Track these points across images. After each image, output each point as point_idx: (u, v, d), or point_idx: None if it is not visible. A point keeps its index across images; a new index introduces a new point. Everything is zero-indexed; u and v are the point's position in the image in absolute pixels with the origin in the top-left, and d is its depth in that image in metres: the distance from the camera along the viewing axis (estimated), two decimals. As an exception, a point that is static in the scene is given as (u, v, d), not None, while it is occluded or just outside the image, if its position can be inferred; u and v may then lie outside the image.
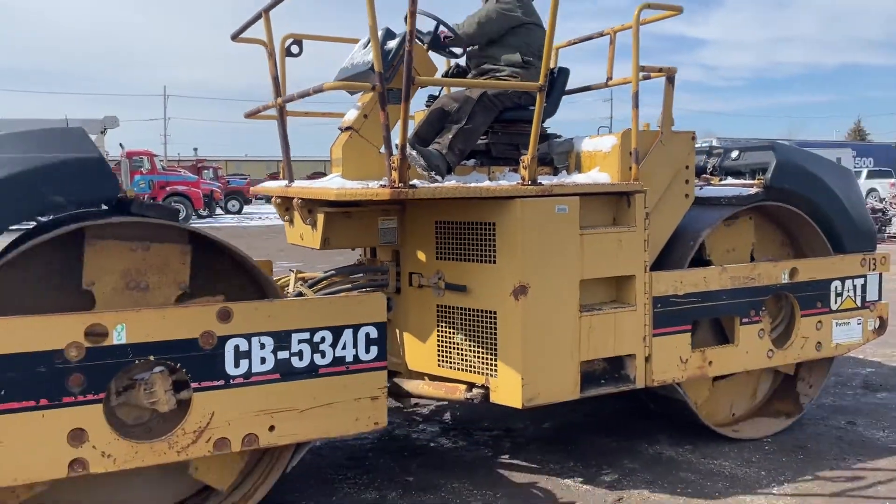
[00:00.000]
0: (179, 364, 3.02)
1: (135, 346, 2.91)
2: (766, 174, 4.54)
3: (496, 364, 3.74)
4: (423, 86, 4.20)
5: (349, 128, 4.10)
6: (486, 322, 3.77)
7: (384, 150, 3.46)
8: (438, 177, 3.91)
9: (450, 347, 3.94)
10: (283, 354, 3.18)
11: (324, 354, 3.26)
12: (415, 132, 4.31)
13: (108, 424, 2.91)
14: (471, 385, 3.86)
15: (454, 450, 4.52)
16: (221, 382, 3.08)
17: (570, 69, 4.62)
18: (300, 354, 3.22)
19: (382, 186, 3.46)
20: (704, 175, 5.12)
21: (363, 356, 3.36)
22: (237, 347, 3.09)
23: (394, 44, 4.04)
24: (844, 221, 4.77)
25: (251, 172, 52.51)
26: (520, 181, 3.72)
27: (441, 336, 3.97)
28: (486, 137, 4.41)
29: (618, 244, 3.92)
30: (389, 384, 3.75)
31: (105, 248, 3.05)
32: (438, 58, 4.66)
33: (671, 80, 4.20)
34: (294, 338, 3.20)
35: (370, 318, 3.38)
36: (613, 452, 4.43)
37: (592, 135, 4.33)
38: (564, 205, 3.74)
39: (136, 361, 2.95)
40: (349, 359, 3.32)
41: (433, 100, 4.74)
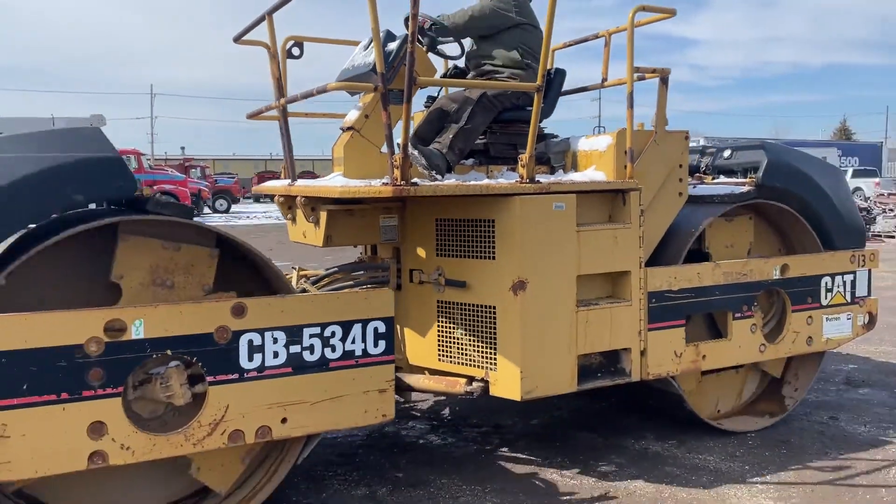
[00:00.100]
0: (195, 358, 3.10)
1: (152, 341, 3.00)
2: (758, 173, 4.68)
3: (495, 358, 3.85)
4: (423, 86, 4.31)
5: (350, 128, 4.21)
6: (486, 317, 3.88)
7: (386, 150, 3.58)
8: (438, 175, 4.01)
9: (450, 342, 4.05)
10: (295, 348, 3.28)
11: (334, 348, 3.36)
12: (415, 132, 4.42)
13: (127, 417, 2.99)
14: (470, 379, 3.96)
15: (443, 446, 4.61)
16: (236, 376, 3.17)
17: (565, 70, 4.76)
18: (311, 348, 3.31)
19: (385, 184, 3.57)
20: (698, 174, 5.26)
21: (372, 350, 3.46)
22: (251, 342, 3.19)
23: (394, 45, 4.15)
24: (834, 219, 4.91)
25: (239, 171, 52.47)
26: (518, 179, 3.84)
27: (441, 331, 4.08)
28: (485, 137, 4.53)
29: (613, 241, 4.04)
30: (394, 378, 3.86)
31: (137, 244, 3.15)
32: (437, 59, 4.78)
33: (665, 81, 4.33)
34: (305, 332, 3.30)
35: (378, 313, 3.48)
36: (601, 448, 4.54)
37: (588, 134, 4.44)
38: (562, 202, 3.85)
39: (154, 356, 3.03)
40: (358, 353, 3.42)
41: (432, 100, 4.86)
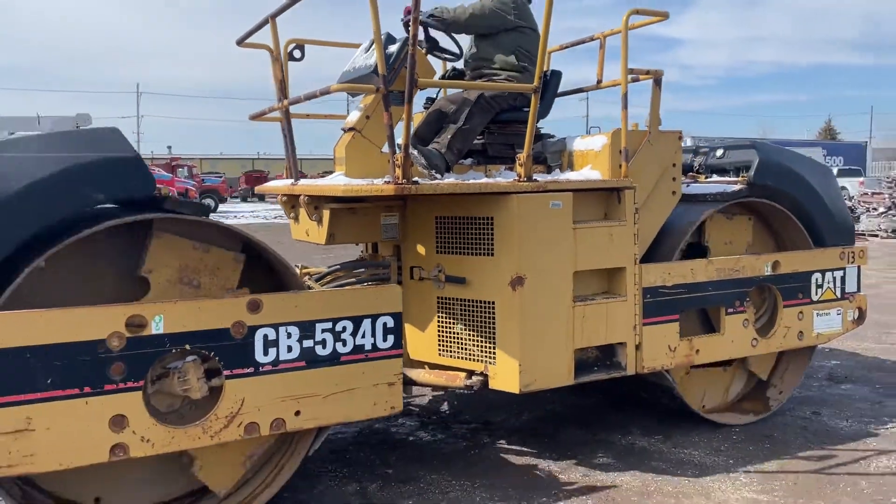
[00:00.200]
0: (213, 353, 3.20)
1: (172, 336, 3.10)
2: (750, 171, 4.82)
3: (495, 352, 3.98)
4: (423, 88, 4.44)
5: (352, 128, 4.34)
6: (485, 312, 4.00)
7: (388, 149, 3.70)
8: (438, 174, 4.14)
9: (450, 337, 4.18)
10: (308, 343, 3.39)
11: (345, 343, 3.47)
12: (414, 132, 4.53)
13: (147, 411, 3.09)
14: (470, 372, 4.08)
15: (433, 442, 4.69)
16: (251, 370, 3.27)
17: (560, 71, 4.89)
18: (323, 343, 3.42)
19: (387, 183, 3.70)
20: (691, 173, 5.40)
21: (381, 344, 3.57)
22: (266, 336, 3.30)
23: (394, 48, 4.27)
24: (824, 216, 5.06)
25: (226, 171, 52.48)
26: (516, 178, 3.97)
27: (441, 326, 4.20)
28: (483, 137, 4.66)
29: (609, 238, 4.17)
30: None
31: (169, 242, 3.27)
32: (436, 61, 4.91)
33: (658, 83, 4.46)
34: (318, 327, 3.41)
35: (387, 309, 3.60)
36: (588, 443, 4.62)
37: (584, 134, 4.58)
38: (558, 200, 3.98)
39: (173, 350, 3.14)
40: (368, 347, 3.54)
41: (431, 101, 4.99)
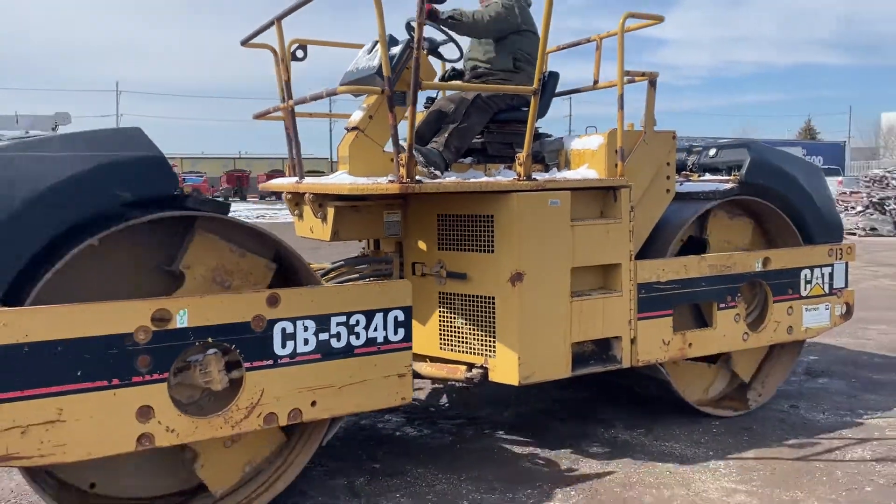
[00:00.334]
0: (234, 345, 3.34)
1: (195, 329, 3.23)
2: (741, 171, 5.00)
3: (494, 345, 4.14)
4: (423, 89, 4.59)
5: (355, 128, 4.48)
6: (485, 307, 4.16)
7: (392, 149, 3.85)
8: (437, 172, 4.29)
9: (451, 331, 4.34)
10: (324, 336, 3.54)
11: (358, 336, 3.62)
12: (415, 132, 4.70)
13: (172, 402, 3.22)
14: (471, 365, 4.24)
15: (419, 437, 4.80)
16: (270, 362, 3.41)
17: (558, 73, 5.06)
18: (338, 336, 3.56)
19: (391, 182, 3.85)
20: (684, 172, 5.58)
21: (392, 337, 3.72)
22: (284, 330, 3.44)
23: (396, 50, 4.42)
24: (813, 214, 5.25)
25: (207, 170, 52.36)
26: (515, 177, 4.13)
27: (443, 321, 4.36)
28: (482, 137, 4.83)
29: (605, 235, 4.34)
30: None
31: (209, 242, 3.43)
32: (435, 61, 5.06)
33: (653, 84, 4.64)
34: (333, 321, 3.56)
35: (398, 303, 3.74)
36: (572, 437, 4.75)
37: (581, 134, 4.75)
38: (557, 198, 4.14)
39: (196, 343, 3.27)
40: (380, 340, 3.69)
41: (431, 102, 5.15)
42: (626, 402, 5.37)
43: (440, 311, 4.37)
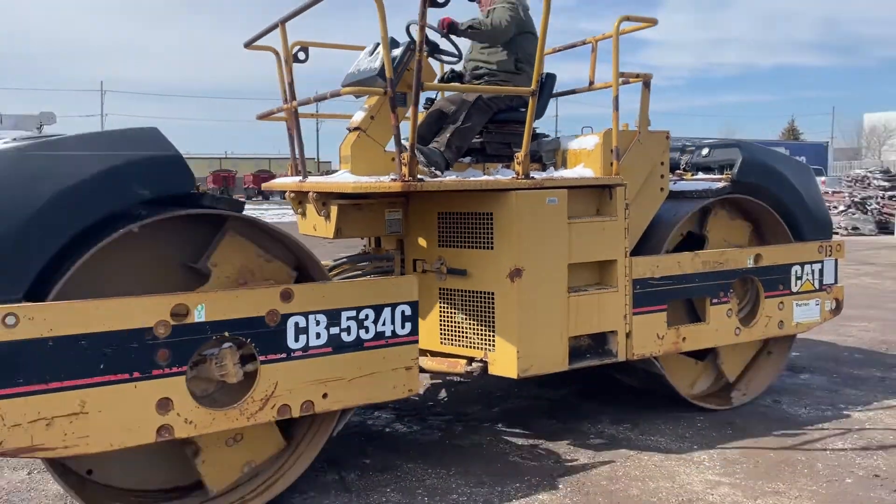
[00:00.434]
0: (249, 339, 3.46)
1: (212, 324, 3.35)
2: (733, 170, 5.18)
3: (494, 340, 4.29)
4: (425, 90, 4.73)
5: (357, 128, 4.62)
6: (485, 302, 4.31)
7: (395, 148, 3.99)
8: (438, 172, 4.44)
9: (451, 326, 4.49)
10: (335, 330, 3.67)
11: (367, 330, 3.76)
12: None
13: (190, 394, 3.33)
14: (470, 359, 4.39)
15: (409, 433, 4.89)
16: (284, 355, 3.54)
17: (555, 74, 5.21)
18: (348, 330, 3.70)
19: (394, 180, 3.99)
20: (678, 171, 5.74)
21: (399, 331, 3.86)
22: (297, 324, 3.57)
23: (397, 52, 4.56)
24: (804, 212, 5.43)
25: (193, 170, 52.19)
26: (514, 176, 4.28)
27: (443, 316, 4.51)
28: (481, 137, 4.98)
29: (601, 232, 4.50)
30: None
31: (238, 243, 3.58)
32: (434, 62, 5.21)
33: (647, 85, 4.79)
34: (343, 315, 3.69)
35: (405, 298, 3.89)
36: (559, 432, 4.86)
37: (577, 134, 4.90)
38: (554, 197, 4.29)
39: (213, 337, 3.38)
40: (388, 333, 3.83)
41: (431, 102, 5.28)
42: (613, 398, 5.49)
43: (441, 307, 4.52)
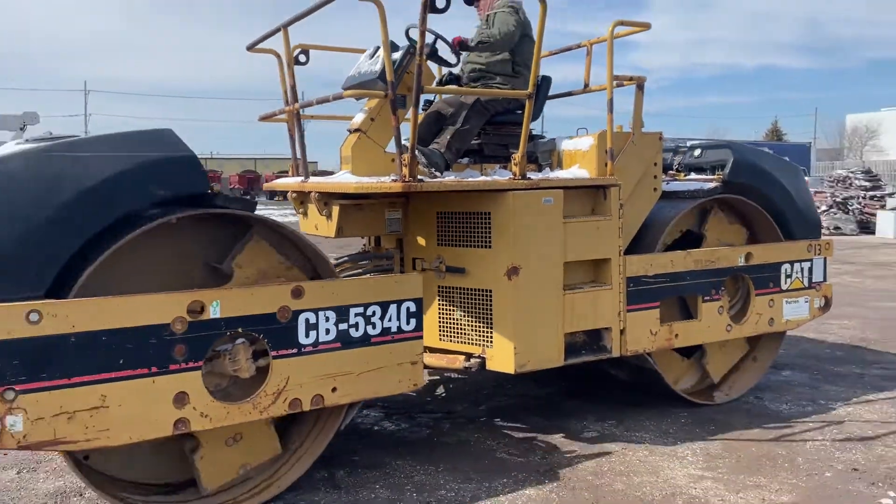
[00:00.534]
0: (262, 335, 3.60)
1: (227, 320, 3.49)
2: (725, 170, 5.35)
3: (492, 336, 4.45)
4: (425, 93, 4.88)
5: (358, 129, 4.77)
6: (483, 300, 4.47)
7: (395, 150, 4.14)
8: (438, 173, 4.60)
9: (450, 323, 4.64)
10: (343, 326, 3.82)
11: (374, 326, 3.91)
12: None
13: (205, 388, 3.46)
14: (469, 355, 4.55)
15: (397, 431, 5.00)
16: (295, 350, 3.68)
17: (550, 77, 5.38)
18: (356, 326, 3.85)
19: (395, 181, 4.15)
20: (671, 171, 5.91)
21: (405, 327, 4.02)
22: (307, 320, 3.71)
23: (397, 55, 4.71)
24: (793, 212, 5.61)
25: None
26: (511, 176, 4.43)
27: (442, 313, 4.67)
28: (479, 138, 5.14)
29: (596, 231, 4.66)
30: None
31: (262, 248, 3.77)
32: (433, 65, 5.36)
33: (641, 88, 4.96)
34: (351, 312, 3.84)
35: (410, 295, 4.04)
36: (545, 429, 4.97)
37: (572, 136, 5.06)
38: (550, 197, 4.45)
39: (228, 333, 3.52)
40: (394, 329, 3.98)
41: (429, 104, 5.44)
42: (599, 396, 5.64)
43: (439, 304, 4.67)
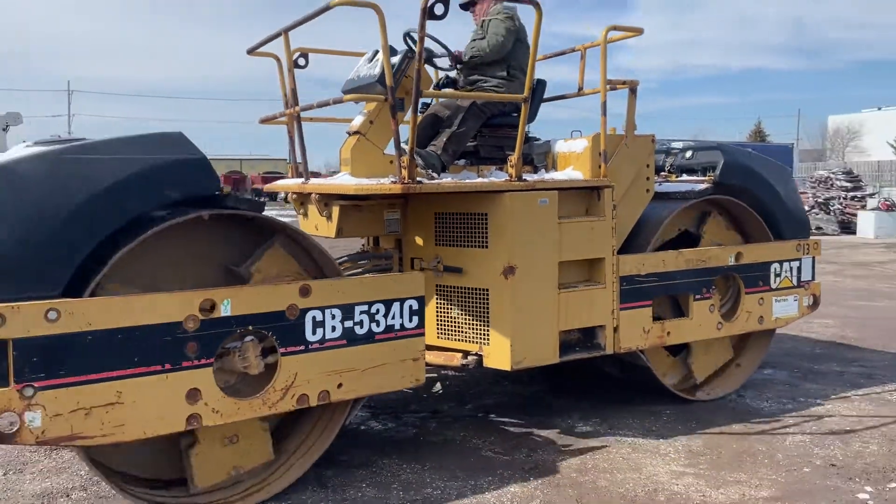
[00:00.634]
0: (270, 332, 3.72)
1: (237, 318, 3.62)
2: (715, 171, 5.52)
3: (488, 334, 4.60)
4: (423, 97, 5.03)
5: (357, 132, 4.92)
6: (480, 298, 4.62)
7: (395, 152, 4.28)
8: (435, 174, 4.74)
9: (448, 321, 4.80)
10: (349, 323, 3.96)
11: (378, 323, 4.06)
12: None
13: (217, 385, 3.58)
14: (466, 353, 4.70)
15: (384, 431, 5.10)
16: (302, 347, 3.82)
17: (545, 80, 5.53)
18: (361, 323, 3.99)
19: (394, 183, 4.29)
20: (663, 173, 6.08)
21: (407, 324, 4.16)
22: (314, 318, 3.85)
23: (395, 59, 4.86)
24: (782, 212, 5.79)
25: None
26: (507, 178, 4.59)
27: (440, 311, 4.82)
28: (475, 140, 5.29)
29: (590, 231, 4.82)
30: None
31: (281, 256, 3.92)
32: (430, 68, 5.51)
33: (633, 91, 5.12)
34: (356, 309, 3.98)
35: (413, 293, 4.19)
36: (530, 428, 5.09)
37: (567, 138, 5.22)
38: (545, 198, 4.61)
39: (238, 330, 3.64)
40: (397, 327, 4.12)
41: (426, 107, 5.59)
42: (584, 395, 5.78)
43: (437, 303, 4.83)
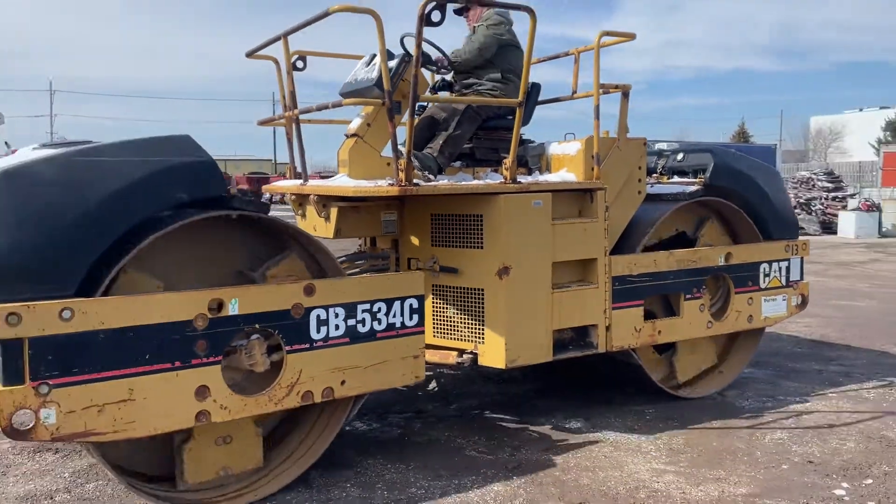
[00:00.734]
0: (276, 331, 3.85)
1: (244, 317, 3.74)
2: (706, 174, 5.68)
3: (483, 333, 4.75)
4: (420, 101, 5.16)
5: (355, 134, 5.05)
6: (475, 298, 4.77)
7: (392, 154, 4.41)
8: (431, 176, 4.88)
9: (443, 320, 4.95)
10: (352, 322, 4.09)
11: (380, 322, 4.19)
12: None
13: (224, 382, 3.70)
14: (461, 351, 4.85)
15: (369, 431, 5.17)
16: (307, 345, 3.94)
17: (540, 84, 5.68)
18: (363, 322, 4.13)
19: (391, 184, 4.42)
20: (654, 174, 6.23)
21: (408, 323, 4.31)
22: (318, 316, 3.98)
23: (392, 63, 5.00)
24: (771, 213, 5.96)
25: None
26: (502, 180, 4.73)
27: (436, 311, 4.97)
28: (471, 142, 5.44)
29: (583, 232, 4.97)
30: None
31: (296, 263, 4.08)
32: (426, 72, 5.65)
33: (626, 95, 5.27)
34: (359, 308, 4.12)
35: (413, 292, 4.33)
36: (513, 427, 5.19)
37: (560, 140, 5.36)
38: (539, 199, 4.76)
39: (245, 329, 3.77)
40: (398, 325, 4.26)
41: (423, 109, 5.73)
42: (567, 395, 5.91)
43: (433, 302, 4.97)
